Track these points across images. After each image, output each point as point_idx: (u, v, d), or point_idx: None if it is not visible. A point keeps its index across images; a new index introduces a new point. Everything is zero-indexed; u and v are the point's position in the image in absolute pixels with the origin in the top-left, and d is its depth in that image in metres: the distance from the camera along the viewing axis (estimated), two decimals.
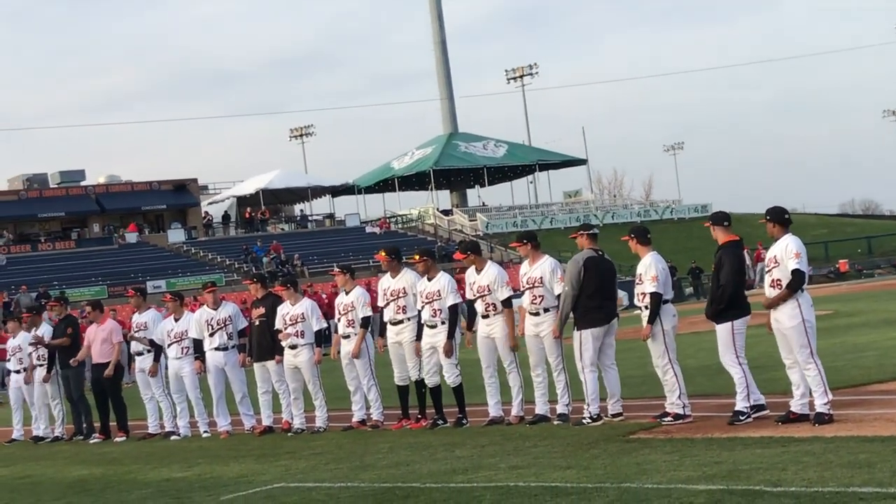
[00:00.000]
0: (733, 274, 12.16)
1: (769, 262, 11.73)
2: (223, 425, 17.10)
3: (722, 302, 12.15)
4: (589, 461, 10.50)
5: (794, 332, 11.47)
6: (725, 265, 12.18)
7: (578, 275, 13.14)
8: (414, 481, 10.51)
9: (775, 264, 11.62)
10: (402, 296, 14.89)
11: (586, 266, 13.18)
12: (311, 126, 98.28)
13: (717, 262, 12.31)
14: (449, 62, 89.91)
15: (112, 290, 53.08)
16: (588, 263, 13.20)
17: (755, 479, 8.66)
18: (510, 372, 14.14)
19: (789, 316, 11.51)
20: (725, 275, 12.15)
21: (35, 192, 67.60)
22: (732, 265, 12.17)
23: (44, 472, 15.33)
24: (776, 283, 11.59)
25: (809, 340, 11.44)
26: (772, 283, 11.66)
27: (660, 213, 79.07)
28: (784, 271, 11.52)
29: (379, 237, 65.49)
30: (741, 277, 12.31)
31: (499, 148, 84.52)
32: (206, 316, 17.16)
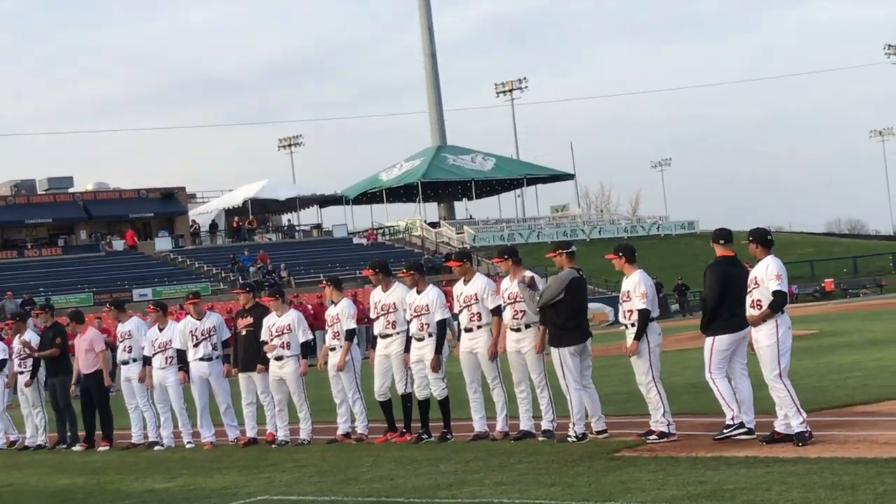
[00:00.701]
0: (712, 289, 12.28)
1: (750, 283, 11.77)
2: (207, 436, 17.03)
3: (706, 314, 12.36)
4: (573, 479, 10.48)
5: (767, 352, 11.57)
6: (708, 280, 12.35)
7: (559, 291, 13.12)
8: (398, 496, 10.48)
9: (755, 285, 11.69)
10: (392, 311, 14.86)
11: (572, 286, 13.18)
12: (299, 136, 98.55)
13: (703, 278, 12.50)
14: (438, 75, 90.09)
15: (98, 297, 52.97)
16: (573, 283, 13.21)
17: (739, 499, 8.66)
18: (494, 387, 14.11)
19: (766, 335, 11.61)
20: (706, 289, 12.38)
21: (22, 198, 67.46)
22: (712, 280, 12.28)
23: (27, 480, 15.26)
24: (756, 304, 11.66)
25: (780, 362, 11.50)
26: (752, 304, 11.72)
27: (647, 230, 79.19)
28: (764, 292, 11.58)
29: (366, 248, 65.51)
30: (724, 293, 12.27)
31: (487, 161, 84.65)
32: (191, 326, 17.12)
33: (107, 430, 18.54)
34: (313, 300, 42.37)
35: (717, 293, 12.23)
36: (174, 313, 35.73)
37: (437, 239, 73.63)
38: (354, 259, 58.91)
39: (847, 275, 67.02)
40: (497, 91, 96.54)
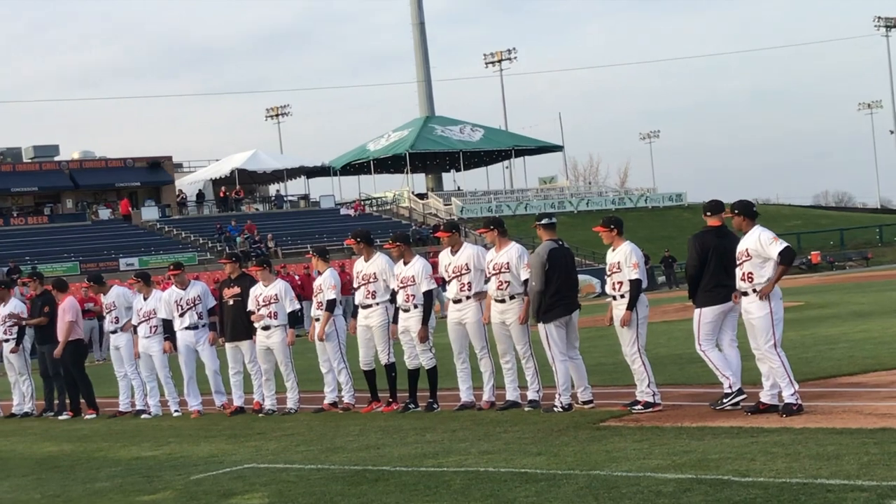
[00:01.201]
0: (691, 259, 12.31)
1: (740, 256, 11.68)
2: (194, 405, 17.07)
3: (690, 286, 12.38)
4: (559, 448, 10.53)
5: (761, 323, 11.51)
6: (688, 250, 12.39)
7: (542, 269, 13.14)
8: (384, 464, 10.52)
9: (747, 257, 11.60)
10: (372, 281, 14.88)
11: (550, 260, 13.16)
12: (287, 106, 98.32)
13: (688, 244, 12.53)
14: (427, 44, 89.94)
15: (85, 266, 52.88)
16: (551, 256, 13.20)
17: (724, 469, 8.70)
18: (481, 358, 14.15)
19: (758, 306, 11.55)
20: (689, 259, 12.39)
21: (8, 166, 67.22)
22: (692, 250, 12.30)
23: (13, 447, 15.29)
24: (747, 277, 11.62)
25: (774, 332, 11.50)
26: (743, 277, 11.67)
27: (634, 202, 79.25)
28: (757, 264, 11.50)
29: (353, 219, 65.40)
30: (703, 264, 12.26)
31: (475, 132, 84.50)
32: (176, 296, 17.13)
33: (89, 398, 18.57)
34: (300, 270, 42.34)
35: (695, 263, 12.22)
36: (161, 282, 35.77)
37: (425, 210, 73.55)
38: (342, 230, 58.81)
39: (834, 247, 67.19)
40: (486, 62, 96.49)
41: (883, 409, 11.16)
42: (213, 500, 9.56)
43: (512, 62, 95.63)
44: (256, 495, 9.59)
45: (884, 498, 7.30)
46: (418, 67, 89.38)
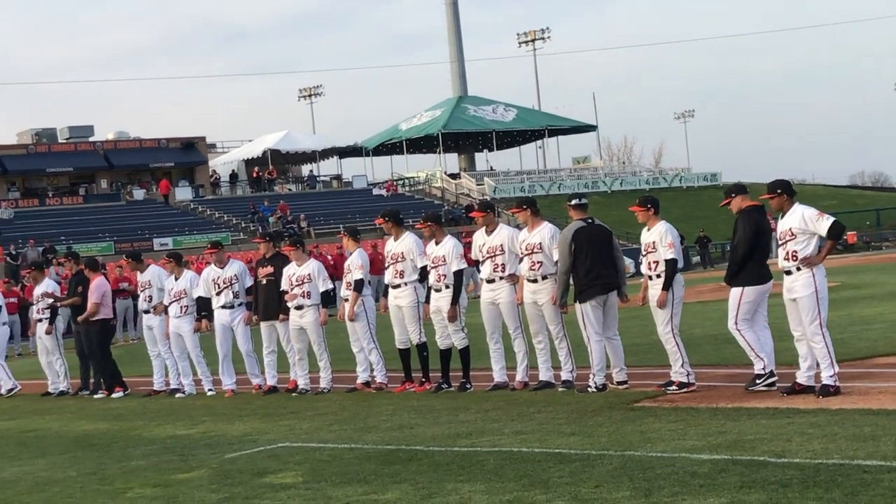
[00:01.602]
0: (746, 237, 12.12)
1: (783, 235, 11.56)
2: (228, 384, 17.14)
3: (734, 264, 12.16)
4: (593, 428, 10.51)
5: (807, 302, 11.38)
6: (739, 229, 12.17)
7: (569, 249, 13.08)
8: (417, 444, 10.54)
9: (791, 236, 11.48)
10: (400, 260, 14.89)
11: (575, 239, 13.09)
12: (320, 86, 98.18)
13: (734, 227, 12.30)
14: (460, 24, 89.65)
15: (119, 246, 53.13)
16: (577, 236, 13.13)
17: (759, 450, 8.67)
18: (515, 338, 14.13)
19: (804, 284, 11.42)
20: (737, 238, 12.17)
21: (43, 147, 67.53)
22: (746, 230, 12.12)
23: (49, 426, 15.41)
24: (791, 255, 11.50)
25: (820, 312, 11.37)
26: (786, 256, 11.56)
27: (669, 181, 78.84)
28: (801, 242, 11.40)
29: (386, 199, 65.42)
30: (756, 243, 12.20)
31: (508, 112, 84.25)
32: (213, 274, 17.21)
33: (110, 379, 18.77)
34: (333, 251, 42.44)
35: (750, 242, 12.13)
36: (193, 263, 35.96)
37: (457, 190, 73.48)
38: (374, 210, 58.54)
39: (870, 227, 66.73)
40: (519, 41, 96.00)
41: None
42: (247, 479, 9.60)
43: (546, 42, 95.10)
44: (290, 474, 9.63)
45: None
46: (451, 47, 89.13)
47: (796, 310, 11.52)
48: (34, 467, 11.60)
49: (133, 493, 9.54)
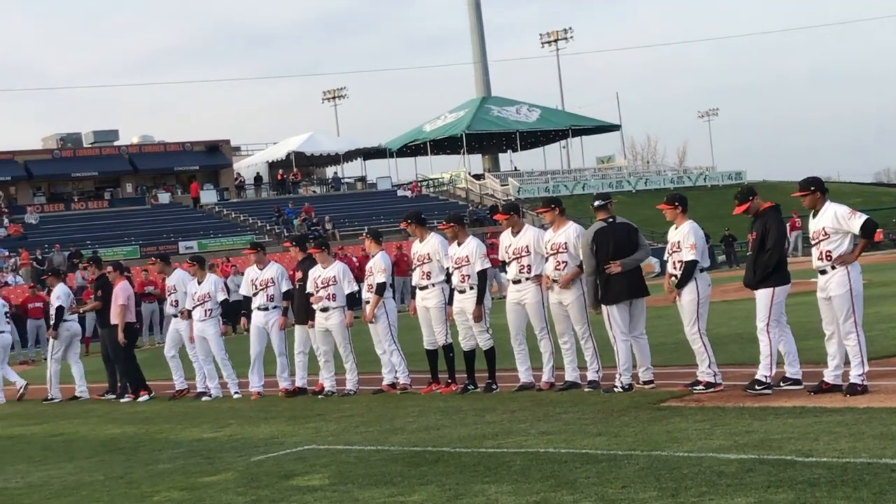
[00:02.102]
0: (780, 239, 12.02)
1: (816, 235, 11.50)
2: (256, 385, 17.17)
3: (770, 266, 11.92)
4: (619, 428, 10.50)
5: (842, 301, 11.33)
6: (772, 229, 11.96)
7: (590, 251, 13.09)
8: (444, 445, 10.55)
9: (824, 236, 11.42)
10: (426, 261, 14.91)
11: (596, 241, 13.12)
12: (343, 88, 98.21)
13: (761, 228, 12.02)
14: (483, 25, 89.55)
15: (144, 250, 53.26)
16: (598, 237, 13.14)
17: (787, 449, 8.64)
18: (541, 339, 14.12)
19: (838, 283, 11.37)
20: (773, 238, 11.93)
21: (69, 152, 67.78)
22: (779, 230, 12.02)
23: (77, 430, 15.48)
24: (825, 255, 11.42)
25: (855, 310, 11.32)
26: (820, 256, 11.48)
27: (693, 180, 78.54)
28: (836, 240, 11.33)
29: (410, 201, 65.40)
30: (784, 243, 12.17)
31: (532, 112, 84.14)
32: (253, 275, 17.28)
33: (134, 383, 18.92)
34: (358, 252, 42.45)
35: (782, 243, 12.06)
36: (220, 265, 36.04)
37: (482, 191, 73.42)
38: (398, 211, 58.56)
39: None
40: (542, 41, 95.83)
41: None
42: (273, 482, 9.62)
43: (568, 42, 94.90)
44: (317, 476, 9.65)
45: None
46: (474, 48, 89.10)
47: (830, 309, 11.45)
48: (62, 471, 11.65)
49: (160, 496, 9.57)
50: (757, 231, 12.11)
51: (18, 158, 65.58)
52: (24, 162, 65.31)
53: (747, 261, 12.42)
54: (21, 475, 11.67)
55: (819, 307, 11.67)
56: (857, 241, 11.44)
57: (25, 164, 64.96)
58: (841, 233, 11.36)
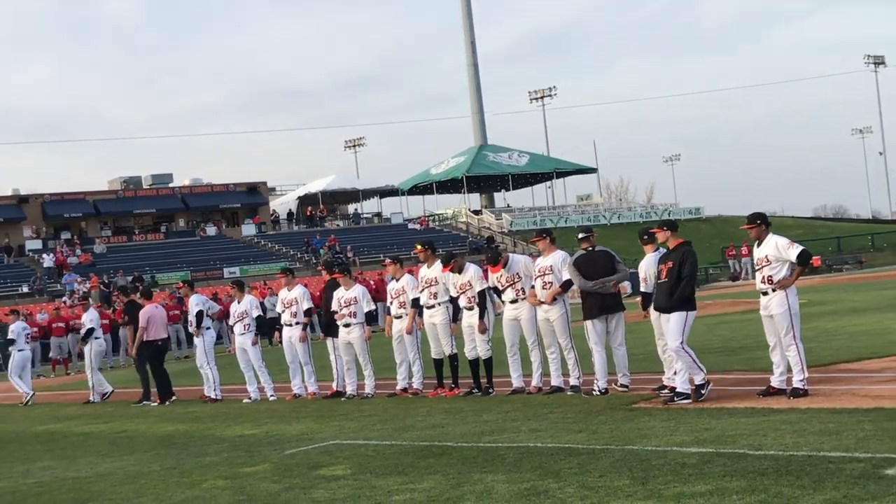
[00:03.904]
0: (695, 269, 11.84)
1: (760, 262, 11.45)
2: (295, 387, 17.11)
3: (685, 293, 11.63)
4: (597, 426, 10.47)
5: (782, 318, 11.32)
6: (688, 262, 11.71)
7: (575, 272, 13.09)
8: (448, 441, 10.52)
9: (767, 263, 11.39)
10: (434, 284, 14.89)
11: (576, 265, 13.14)
12: (362, 138, 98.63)
13: (678, 259, 11.70)
14: (480, 83, 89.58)
15: (194, 274, 53.33)
16: (578, 262, 13.15)
17: (740, 444, 8.62)
18: (532, 349, 14.10)
19: (778, 303, 11.37)
20: (689, 269, 11.68)
21: (131, 192, 67.92)
22: (693, 263, 11.81)
23: (137, 427, 15.46)
24: (767, 279, 11.42)
25: (794, 326, 11.32)
26: (763, 280, 11.48)
27: (659, 215, 78.12)
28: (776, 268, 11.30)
29: (419, 233, 65.39)
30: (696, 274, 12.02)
31: (522, 158, 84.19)
32: (283, 295, 17.31)
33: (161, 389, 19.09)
34: (375, 276, 42.44)
35: (696, 273, 11.90)
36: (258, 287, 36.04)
37: (480, 224, 73.36)
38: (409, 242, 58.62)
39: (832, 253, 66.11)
40: (531, 97, 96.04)
41: (876, 391, 10.99)
42: (304, 472, 9.60)
43: (553, 97, 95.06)
44: (340, 467, 9.63)
45: (877, 468, 7.19)
46: (473, 103, 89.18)
47: (772, 324, 11.46)
48: (125, 462, 11.64)
49: (207, 484, 9.55)
50: (674, 262, 11.77)
51: (88, 198, 65.69)
52: (93, 201, 65.40)
53: (659, 287, 11.94)
54: (91, 466, 11.66)
55: (763, 323, 11.65)
56: (795, 267, 11.44)
57: (94, 203, 65.04)
58: (781, 261, 11.37)
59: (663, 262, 12.00)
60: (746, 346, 14.08)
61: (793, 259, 11.30)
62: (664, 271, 11.88)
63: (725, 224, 69.82)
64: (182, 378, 22.15)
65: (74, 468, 11.62)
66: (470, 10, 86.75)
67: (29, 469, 11.98)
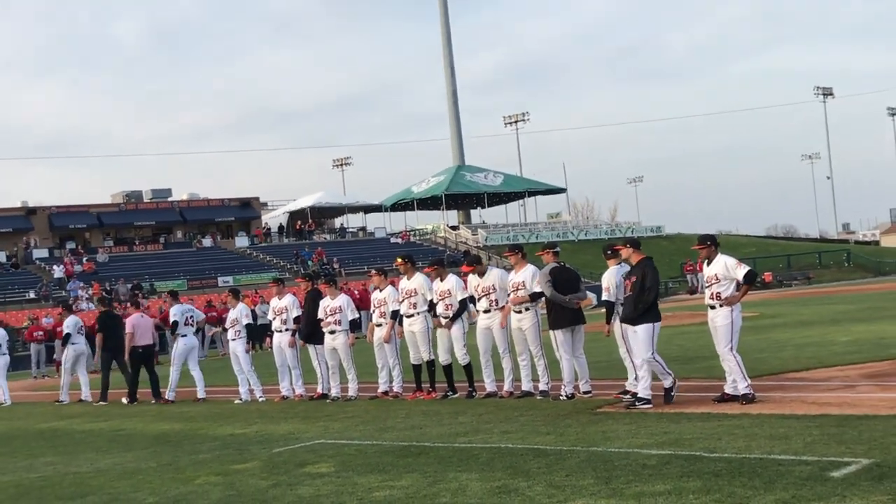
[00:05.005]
0: (656, 282, 11.82)
1: (710, 279, 11.47)
2: (283, 389, 17.02)
3: (648, 303, 11.64)
4: (564, 429, 10.45)
5: (724, 331, 11.35)
6: (649, 275, 11.70)
7: (547, 282, 13.07)
8: (426, 441, 10.48)
9: (716, 280, 11.42)
10: (413, 295, 14.85)
11: (552, 274, 13.13)
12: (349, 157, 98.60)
13: (640, 274, 11.69)
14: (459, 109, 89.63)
15: (191, 283, 53.11)
16: (553, 272, 13.14)
17: (696, 446, 8.62)
18: (504, 356, 14.08)
19: (723, 317, 11.39)
20: (650, 281, 11.67)
21: (132, 206, 67.60)
22: (655, 277, 11.81)
23: (135, 426, 15.33)
24: (715, 296, 11.45)
25: (732, 338, 11.33)
26: (711, 296, 11.50)
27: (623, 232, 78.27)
28: (724, 285, 11.35)
29: (401, 246, 65.33)
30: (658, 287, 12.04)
31: (497, 178, 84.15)
32: (274, 303, 17.26)
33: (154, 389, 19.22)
34: (359, 287, 42.33)
35: (658, 286, 11.94)
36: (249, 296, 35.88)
37: (457, 239, 73.30)
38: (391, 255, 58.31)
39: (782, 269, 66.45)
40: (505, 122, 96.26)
41: (823, 398, 11.03)
42: (290, 469, 9.54)
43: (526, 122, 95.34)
44: (325, 465, 9.57)
45: (824, 470, 7.21)
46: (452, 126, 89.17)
47: (717, 335, 11.50)
48: (122, 459, 11.54)
49: (201, 479, 9.48)
50: (637, 276, 11.77)
51: (92, 210, 65.38)
52: (96, 213, 65.09)
53: (626, 300, 11.89)
54: (90, 462, 11.55)
55: (712, 334, 11.67)
56: (741, 286, 11.48)
57: (98, 215, 64.72)
58: (729, 279, 11.42)
59: (628, 277, 12.01)
60: (702, 355, 14.09)
61: (739, 278, 11.37)
62: (629, 286, 11.89)
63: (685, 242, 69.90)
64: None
65: (75, 464, 11.51)
66: (450, 40, 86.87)
67: (32, 464, 11.86)
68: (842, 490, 6.57)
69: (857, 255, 73.74)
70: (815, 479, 6.95)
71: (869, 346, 16.38)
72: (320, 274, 48.39)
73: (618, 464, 8.15)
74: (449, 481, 8.15)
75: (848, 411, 9.91)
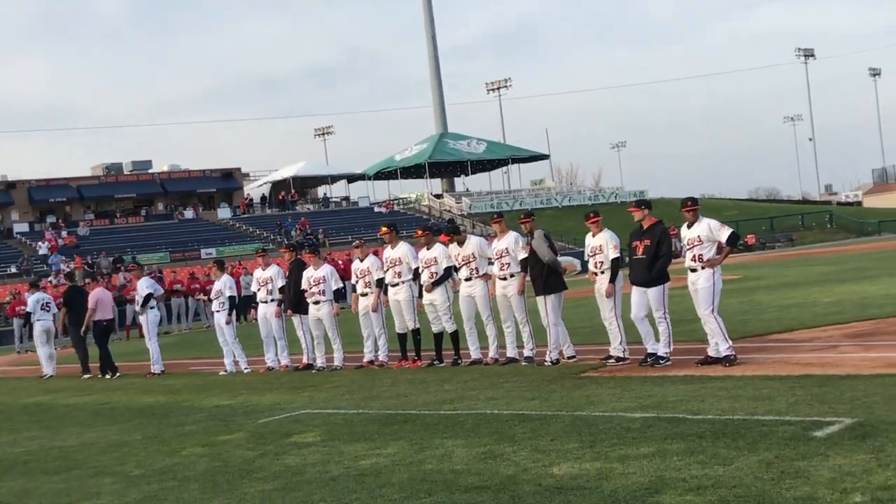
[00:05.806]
0: (671, 247, 11.97)
1: (692, 241, 11.49)
2: (268, 360, 17.01)
3: (663, 268, 11.80)
4: (549, 394, 10.50)
5: (705, 293, 11.36)
6: (666, 240, 11.86)
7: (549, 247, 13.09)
8: (411, 409, 10.51)
9: (699, 242, 11.44)
10: (398, 264, 14.82)
11: (548, 238, 13.19)
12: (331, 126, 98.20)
13: (657, 237, 11.82)
14: (441, 76, 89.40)
15: (173, 255, 52.94)
16: (548, 238, 13.19)
17: (680, 409, 8.67)
18: (487, 324, 14.10)
19: (704, 279, 11.41)
20: (667, 247, 11.83)
21: (112, 178, 67.28)
22: (668, 241, 11.94)
23: (118, 399, 15.30)
24: (698, 258, 11.49)
25: (713, 301, 11.36)
26: (693, 258, 11.53)
27: (606, 198, 78.57)
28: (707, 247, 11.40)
29: (384, 216, 65.20)
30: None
31: (480, 145, 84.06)
32: (258, 275, 17.21)
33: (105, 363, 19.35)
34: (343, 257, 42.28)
35: (671, 252, 12.05)
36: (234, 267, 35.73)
37: (441, 207, 73.27)
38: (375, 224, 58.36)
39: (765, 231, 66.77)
40: (487, 89, 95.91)
41: (806, 359, 11.10)
42: (276, 439, 9.56)
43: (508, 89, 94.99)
44: (311, 434, 9.59)
45: (807, 430, 7.26)
46: (434, 93, 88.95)
47: (698, 297, 11.53)
48: (107, 432, 11.53)
49: (186, 451, 9.49)
50: (651, 240, 11.87)
51: (72, 183, 65.02)
52: (77, 186, 64.73)
53: (636, 263, 11.93)
54: (75, 436, 11.54)
55: (692, 297, 11.69)
56: (724, 248, 11.51)
57: (78, 188, 64.37)
58: (712, 241, 11.44)
59: (639, 238, 12.01)
60: (686, 318, 14.12)
61: (723, 240, 11.39)
62: (640, 248, 11.92)
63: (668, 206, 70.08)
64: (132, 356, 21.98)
65: (60, 438, 11.50)
66: (431, 6, 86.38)
67: (16, 439, 11.84)
68: (825, 449, 6.62)
69: (839, 216, 74.08)
70: (798, 439, 7.00)
71: (851, 307, 16.49)
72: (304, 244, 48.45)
73: (602, 427, 8.19)
74: (435, 448, 8.18)
75: (831, 371, 9.97)
